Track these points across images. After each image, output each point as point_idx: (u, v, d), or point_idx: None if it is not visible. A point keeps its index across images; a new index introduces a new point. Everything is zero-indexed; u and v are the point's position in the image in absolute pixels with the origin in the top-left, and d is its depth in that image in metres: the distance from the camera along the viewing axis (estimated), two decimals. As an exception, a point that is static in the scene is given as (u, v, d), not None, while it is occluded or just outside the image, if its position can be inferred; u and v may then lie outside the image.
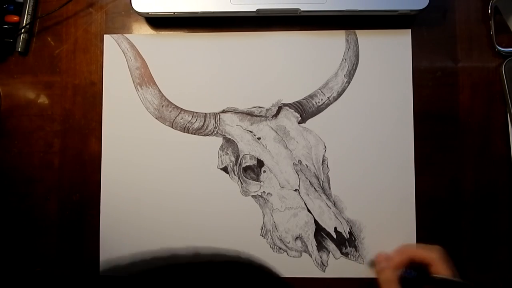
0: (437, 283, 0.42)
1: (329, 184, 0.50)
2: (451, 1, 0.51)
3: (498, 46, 0.50)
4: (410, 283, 0.43)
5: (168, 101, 0.51)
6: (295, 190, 0.49)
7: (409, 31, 0.50)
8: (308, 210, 0.49)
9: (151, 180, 0.50)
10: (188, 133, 0.50)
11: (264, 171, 0.50)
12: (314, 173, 0.50)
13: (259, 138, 0.50)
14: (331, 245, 0.49)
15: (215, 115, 0.51)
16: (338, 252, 0.49)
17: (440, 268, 0.42)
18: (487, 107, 0.50)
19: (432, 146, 0.50)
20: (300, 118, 0.50)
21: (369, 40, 0.50)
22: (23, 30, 0.51)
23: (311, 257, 0.49)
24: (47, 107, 0.52)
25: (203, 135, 0.50)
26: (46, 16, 0.52)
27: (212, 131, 0.50)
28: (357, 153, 0.50)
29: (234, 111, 0.51)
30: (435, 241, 0.49)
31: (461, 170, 0.50)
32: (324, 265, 0.49)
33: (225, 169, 0.50)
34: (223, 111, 0.51)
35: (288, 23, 0.51)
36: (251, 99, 0.51)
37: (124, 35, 0.52)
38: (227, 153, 0.50)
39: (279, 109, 0.50)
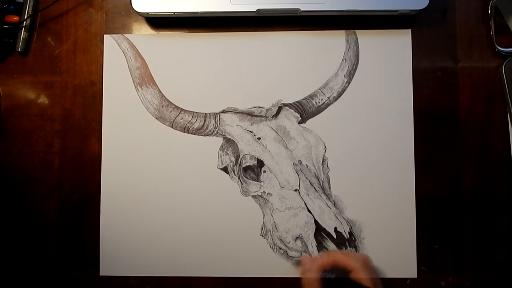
0: (352, 285, 0.44)
1: (329, 184, 0.50)
2: (451, 1, 0.51)
3: (498, 46, 0.50)
4: (330, 285, 0.45)
5: (168, 101, 0.51)
6: (295, 190, 0.49)
7: (409, 31, 0.50)
8: (308, 210, 0.49)
9: (151, 180, 0.50)
10: (188, 133, 0.50)
11: (264, 171, 0.50)
12: (314, 173, 0.50)
13: (259, 138, 0.50)
14: (331, 245, 0.49)
15: (215, 115, 0.51)
16: (338, 252, 0.49)
17: (360, 275, 0.44)
18: (487, 107, 0.50)
19: (432, 146, 0.50)
20: (300, 118, 0.50)
21: (369, 40, 0.50)
22: (23, 29, 0.51)
23: (311, 257, 0.49)
24: (47, 107, 0.52)
25: (203, 135, 0.50)
26: (46, 16, 0.52)
27: (212, 131, 0.50)
28: (357, 153, 0.50)
29: (234, 111, 0.51)
30: (435, 241, 0.49)
31: (461, 170, 0.50)
32: (324, 265, 0.49)
33: (225, 169, 0.50)
34: (223, 111, 0.51)
35: (288, 23, 0.51)
36: (251, 99, 0.51)
37: (124, 35, 0.52)
38: (227, 153, 0.50)
39: (279, 109, 0.50)
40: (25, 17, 0.51)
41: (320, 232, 0.49)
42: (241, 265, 0.49)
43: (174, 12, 0.49)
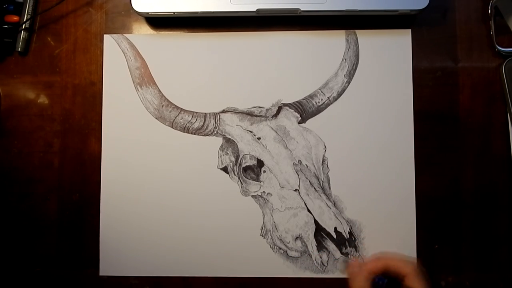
0: None
1: (329, 184, 0.50)
2: (451, 1, 0.51)
3: (498, 46, 0.50)
4: None
5: (168, 101, 0.51)
6: (295, 190, 0.49)
7: (409, 31, 0.50)
8: (308, 210, 0.49)
9: (151, 180, 0.50)
10: (188, 133, 0.50)
11: (264, 171, 0.50)
12: (314, 173, 0.50)
13: (259, 138, 0.50)
14: (331, 245, 0.49)
15: (215, 115, 0.51)
16: (338, 252, 0.49)
17: (414, 281, 0.42)
18: (487, 107, 0.50)
19: (432, 146, 0.50)
20: (300, 118, 0.50)
21: (369, 40, 0.50)
22: (22, 29, 0.51)
23: (311, 257, 0.49)
24: (47, 107, 0.52)
25: (203, 135, 0.50)
26: (46, 16, 0.52)
27: (212, 131, 0.50)
28: (357, 153, 0.50)
29: (234, 111, 0.50)
30: (435, 241, 0.49)
31: (461, 170, 0.50)
32: (324, 265, 0.49)
33: (225, 169, 0.50)
34: (223, 111, 0.51)
35: (288, 23, 0.51)
36: (251, 99, 0.51)
37: (124, 35, 0.52)
38: (227, 153, 0.50)
39: (279, 109, 0.50)
40: (25, 17, 0.51)
41: (320, 232, 0.49)
42: (241, 265, 0.49)
43: (174, 12, 0.49)
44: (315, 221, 0.49)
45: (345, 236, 0.49)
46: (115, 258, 0.50)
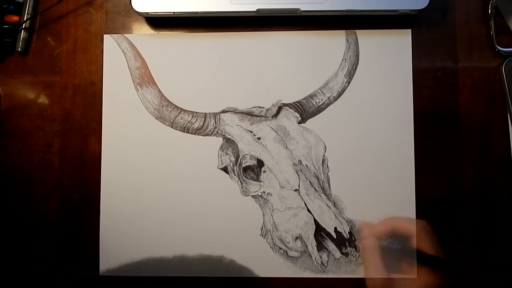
0: (421, 257, 0.44)
1: (329, 184, 0.50)
2: (451, 1, 0.51)
3: (498, 46, 0.50)
4: (393, 253, 0.45)
5: (168, 101, 0.51)
6: (295, 190, 0.49)
7: (409, 31, 0.50)
8: (308, 210, 0.49)
9: (151, 180, 0.50)
10: (188, 133, 0.51)
11: (264, 171, 0.50)
12: (314, 173, 0.50)
13: (259, 138, 0.50)
14: (331, 245, 0.49)
15: (215, 115, 0.51)
16: (338, 252, 0.49)
17: (423, 240, 0.43)
18: (487, 107, 0.50)
19: (432, 146, 0.50)
20: (300, 118, 0.50)
21: (369, 40, 0.50)
22: (23, 29, 0.51)
23: (311, 257, 0.49)
24: (47, 107, 0.52)
25: (203, 135, 0.50)
26: (46, 16, 0.52)
27: (212, 131, 0.50)
28: (357, 153, 0.50)
29: (234, 111, 0.51)
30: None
31: (461, 170, 0.50)
32: (324, 265, 0.49)
33: (225, 169, 0.50)
34: (223, 111, 0.51)
35: (288, 23, 0.51)
36: (251, 99, 0.51)
37: (124, 35, 0.52)
38: (227, 153, 0.50)
39: (279, 109, 0.50)
40: (25, 17, 0.51)
41: (320, 232, 0.49)
42: (241, 265, 0.49)
43: (174, 12, 0.49)
44: (315, 221, 0.49)
45: (345, 236, 0.49)
46: (115, 258, 0.50)
